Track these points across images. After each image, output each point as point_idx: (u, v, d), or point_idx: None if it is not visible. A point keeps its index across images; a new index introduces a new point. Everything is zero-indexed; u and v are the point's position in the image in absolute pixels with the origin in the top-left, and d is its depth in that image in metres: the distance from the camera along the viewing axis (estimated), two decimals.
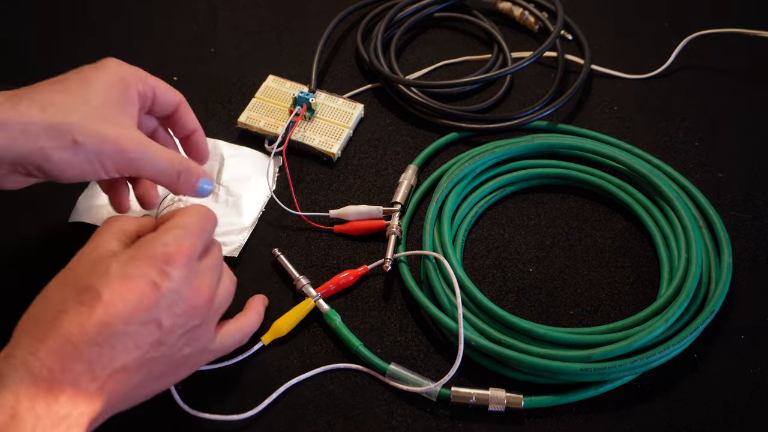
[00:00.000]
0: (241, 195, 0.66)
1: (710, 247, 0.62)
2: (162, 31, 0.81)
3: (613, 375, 0.55)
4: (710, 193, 0.66)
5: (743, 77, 0.77)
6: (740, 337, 0.59)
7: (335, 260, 0.64)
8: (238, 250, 0.63)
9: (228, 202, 0.66)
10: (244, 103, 0.73)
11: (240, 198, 0.66)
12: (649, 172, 0.65)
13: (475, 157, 0.66)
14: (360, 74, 0.78)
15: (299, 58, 0.78)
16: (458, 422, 0.55)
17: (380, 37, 0.76)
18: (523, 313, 0.60)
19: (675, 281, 0.59)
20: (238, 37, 0.81)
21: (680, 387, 0.57)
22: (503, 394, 0.55)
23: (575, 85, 0.73)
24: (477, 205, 0.66)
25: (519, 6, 0.81)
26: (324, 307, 0.59)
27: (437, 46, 0.80)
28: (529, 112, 0.71)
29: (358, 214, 0.65)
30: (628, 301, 0.61)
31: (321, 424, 0.55)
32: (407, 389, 0.56)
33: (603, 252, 0.64)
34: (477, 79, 0.73)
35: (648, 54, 0.78)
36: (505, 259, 0.64)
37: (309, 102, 0.70)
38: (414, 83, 0.73)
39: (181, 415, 0.55)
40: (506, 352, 0.55)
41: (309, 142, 0.70)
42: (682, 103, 0.75)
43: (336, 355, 0.59)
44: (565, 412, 0.56)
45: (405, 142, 0.72)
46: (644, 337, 0.55)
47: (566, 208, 0.67)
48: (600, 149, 0.67)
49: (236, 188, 0.67)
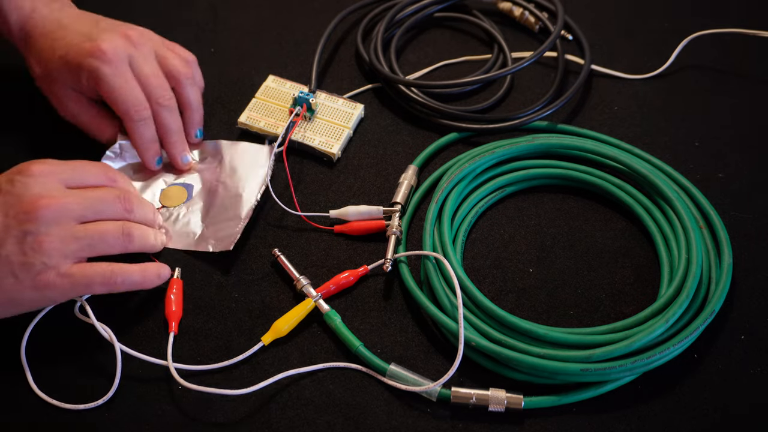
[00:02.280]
0: (238, 187, 0.66)
1: (710, 248, 0.62)
2: (162, 31, 0.81)
3: (614, 375, 0.55)
4: (710, 193, 0.66)
5: (743, 77, 0.77)
6: (740, 337, 0.59)
7: (335, 260, 0.64)
8: (233, 243, 0.63)
9: (225, 195, 0.66)
10: (244, 103, 0.73)
11: (237, 190, 0.66)
12: (649, 172, 0.65)
13: (475, 158, 0.66)
14: (360, 74, 0.78)
15: (299, 58, 0.78)
16: (458, 422, 0.55)
17: (380, 37, 0.76)
18: (523, 313, 0.60)
19: (675, 281, 0.59)
20: (238, 37, 0.81)
21: (680, 387, 0.57)
22: (503, 395, 0.55)
23: (575, 86, 0.73)
24: (477, 206, 0.66)
25: (519, 6, 0.81)
26: (324, 308, 0.59)
27: (437, 46, 0.80)
28: (529, 113, 0.71)
29: (359, 215, 0.65)
30: (628, 301, 0.61)
31: (321, 424, 0.55)
32: (407, 389, 0.56)
33: (603, 252, 0.64)
34: (477, 79, 0.73)
35: (648, 54, 0.78)
36: (505, 260, 0.64)
37: (309, 102, 0.70)
38: (414, 83, 0.73)
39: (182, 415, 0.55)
40: (506, 352, 0.55)
41: (309, 143, 0.70)
42: (682, 103, 0.75)
43: (336, 356, 0.59)
44: (565, 413, 0.56)
45: (405, 142, 0.72)
46: (644, 338, 0.55)
47: (566, 208, 0.67)
48: (600, 149, 0.67)
49: (233, 182, 0.67)
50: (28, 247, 0.52)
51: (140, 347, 0.58)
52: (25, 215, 0.52)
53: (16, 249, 0.52)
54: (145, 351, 0.57)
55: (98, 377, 0.57)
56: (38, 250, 0.52)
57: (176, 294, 0.60)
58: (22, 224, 0.52)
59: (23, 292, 0.53)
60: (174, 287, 0.60)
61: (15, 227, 0.52)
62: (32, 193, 0.53)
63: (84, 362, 0.58)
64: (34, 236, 0.52)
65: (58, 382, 0.57)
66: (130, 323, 0.60)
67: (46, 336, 0.58)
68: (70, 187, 0.55)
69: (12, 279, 0.52)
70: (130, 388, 0.56)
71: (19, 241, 0.52)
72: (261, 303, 0.61)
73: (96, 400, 0.55)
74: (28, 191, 0.53)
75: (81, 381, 0.57)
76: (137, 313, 0.60)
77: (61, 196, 0.54)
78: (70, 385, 0.56)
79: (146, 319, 0.60)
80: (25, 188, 0.53)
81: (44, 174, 0.54)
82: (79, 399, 0.55)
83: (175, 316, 0.59)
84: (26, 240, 0.52)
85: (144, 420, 0.55)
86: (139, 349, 0.57)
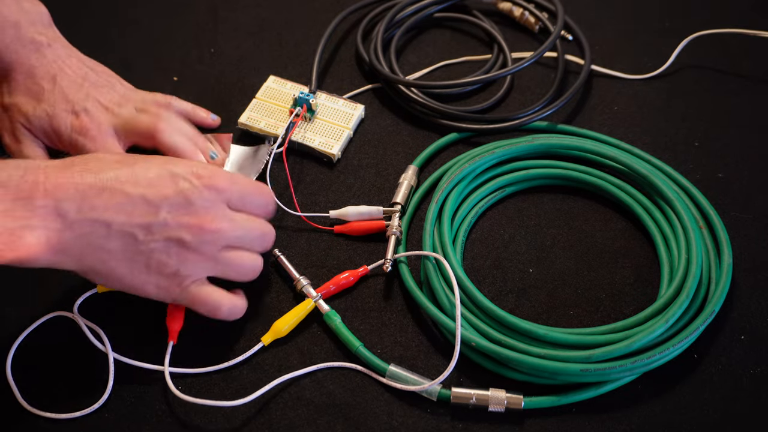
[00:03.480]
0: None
1: (710, 248, 0.62)
2: (162, 31, 0.81)
3: (614, 375, 0.55)
4: (710, 193, 0.66)
5: (743, 77, 0.77)
6: (740, 337, 0.59)
7: (335, 261, 0.64)
8: None
9: None
10: (244, 103, 0.73)
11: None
12: (649, 172, 0.65)
13: (475, 158, 0.66)
14: (360, 75, 0.78)
15: (299, 58, 0.78)
16: (458, 423, 0.55)
17: (380, 37, 0.76)
18: (523, 313, 0.60)
19: (675, 282, 0.59)
20: (239, 37, 0.81)
21: (680, 387, 0.57)
22: (503, 395, 0.55)
23: (575, 86, 0.73)
24: (477, 206, 0.66)
25: (519, 6, 0.81)
26: (324, 308, 0.59)
27: (437, 46, 0.80)
28: (529, 113, 0.72)
29: (359, 215, 0.65)
30: (628, 301, 0.61)
31: (321, 424, 0.55)
32: (407, 389, 0.56)
33: (603, 252, 0.64)
34: (477, 79, 0.73)
35: (648, 54, 0.78)
36: (505, 260, 0.64)
37: (309, 103, 0.70)
38: (414, 84, 0.73)
39: (181, 416, 0.55)
40: (506, 352, 0.55)
41: (309, 143, 0.70)
42: (682, 103, 0.75)
43: (336, 356, 0.59)
44: (565, 413, 0.56)
45: (405, 142, 0.72)
46: (644, 338, 0.55)
47: (566, 209, 0.67)
48: (600, 150, 0.67)
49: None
50: (174, 252, 0.53)
51: (140, 348, 0.58)
52: (188, 225, 0.53)
53: (163, 247, 0.52)
54: (145, 352, 0.57)
55: (95, 381, 0.57)
56: (182, 260, 0.53)
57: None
58: (180, 231, 0.52)
59: (145, 285, 0.54)
60: None
61: (174, 229, 0.52)
62: (202, 206, 0.53)
63: (77, 368, 0.58)
64: (185, 247, 0.53)
65: (54, 391, 0.57)
66: (131, 324, 0.60)
67: (44, 339, 0.59)
68: (231, 208, 0.56)
69: (145, 269, 0.53)
70: (128, 390, 0.56)
71: (169, 243, 0.52)
72: (261, 303, 0.61)
73: (91, 406, 0.55)
74: (199, 203, 0.53)
75: (79, 388, 0.57)
76: (138, 315, 0.60)
77: (222, 219, 0.54)
78: (64, 394, 0.56)
79: (147, 321, 0.60)
80: (199, 197, 0.53)
81: (220, 191, 0.54)
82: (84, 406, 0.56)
83: (175, 325, 0.58)
84: (175, 246, 0.53)
85: (144, 421, 0.55)
86: (138, 350, 0.57)
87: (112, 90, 0.66)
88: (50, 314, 0.59)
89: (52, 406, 0.55)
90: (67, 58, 0.65)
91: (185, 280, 0.54)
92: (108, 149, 0.63)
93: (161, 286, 0.54)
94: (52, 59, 0.64)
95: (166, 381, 0.56)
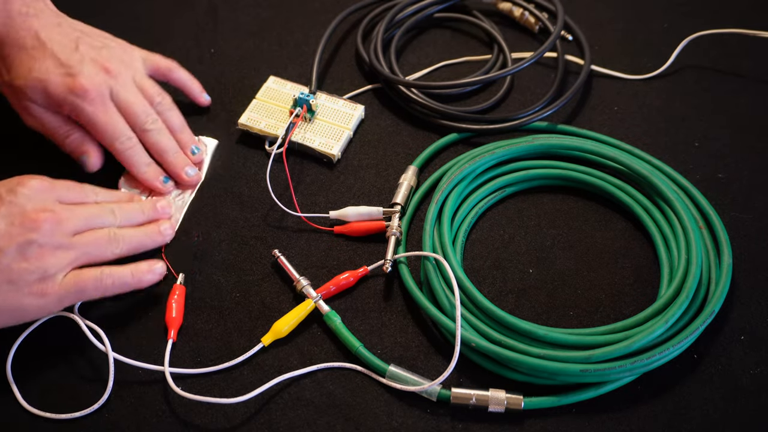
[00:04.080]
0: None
1: (710, 248, 0.62)
2: (162, 31, 0.81)
3: (613, 376, 0.55)
4: (710, 193, 0.66)
5: (743, 77, 0.77)
6: (740, 338, 0.59)
7: (335, 261, 0.64)
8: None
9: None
10: (244, 104, 0.73)
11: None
12: (649, 172, 0.65)
13: (475, 158, 0.66)
14: (360, 75, 0.78)
15: (299, 58, 0.78)
16: (458, 423, 0.55)
17: (380, 37, 0.76)
18: (523, 314, 0.60)
19: (675, 282, 0.59)
20: (239, 38, 0.81)
21: (680, 387, 0.57)
22: (503, 395, 0.55)
23: (575, 86, 0.73)
24: (477, 206, 0.66)
25: (519, 6, 0.81)
26: (324, 308, 0.59)
27: (437, 46, 0.80)
28: (529, 113, 0.72)
29: (358, 215, 0.65)
30: (628, 301, 0.61)
31: (321, 425, 0.55)
32: (407, 389, 0.56)
33: (603, 252, 0.64)
34: (477, 79, 0.73)
35: (648, 54, 0.78)
36: (505, 260, 0.64)
37: (309, 103, 0.70)
38: (414, 84, 0.73)
39: (182, 416, 0.55)
40: (506, 353, 0.55)
41: (309, 144, 0.70)
42: (682, 103, 0.75)
43: (336, 356, 0.59)
44: (565, 413, 0.56)
45: (405, 143, 0.72)
46: (644, 338, 0.55)
47: (566, 209, 0.67)
48: (600, 150, 0.67)
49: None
50: (30, 256, 0.54)
51: (140, 348, 0.58)
52: (30, 225, 0.54)
53: (18, 257, 0.53)
54: (145, 352, 0.57)
55: (95, 381, 0.57)
56: (39, 258, 0.54)
57: (178, 300, 0.60)
58: (26, 234, 0.54)
59: (21, 300, 0.54)
60: (176, 293, 0.60)
61: (19, 236, 0.54)
62: (34, 205, 0.55)
63: (77, 369, 0.58)
64: (36, 246, 0.54)
65: (54, 391, 0.57)
66: (130, 325, 0.60)
67: (44, 340, 0.59)
68: (62, 203, 0.58)
69: (10, 287, 0.53)
70: (128, 390, 0.57)
71: (21, 250, 0.53)
72: (261, 304, 0.61)
73: (91, 406, 0.56)
74: (30, 203, 0.55)
75: (79, 388, 0.57)
76: (138, 316, 0.60)
77: (60, 210, 0.56)
78: (64, 394, 0.56)
79: (147, 321, 0.60)
80: (27, 200, 0.55)
81: (43, 189, 0.57)
82: (83, 406, 0.56)
83: (174, 323, 0.59)
84: (28, 249, 0.54)
85: (144, 421, 0.55)
86: (138, 350, 0.57)
87: (109, 51, 0.67)
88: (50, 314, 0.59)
89: (52, 406, 0.56)
90: (57, 26, 0.65)
91: (57, 276, 0.55)
92: (107, 110, 0.64)
93: (36, 293, 0.54)
94: (39, 27, 0.64)
95: (166, 381, 0.56)
